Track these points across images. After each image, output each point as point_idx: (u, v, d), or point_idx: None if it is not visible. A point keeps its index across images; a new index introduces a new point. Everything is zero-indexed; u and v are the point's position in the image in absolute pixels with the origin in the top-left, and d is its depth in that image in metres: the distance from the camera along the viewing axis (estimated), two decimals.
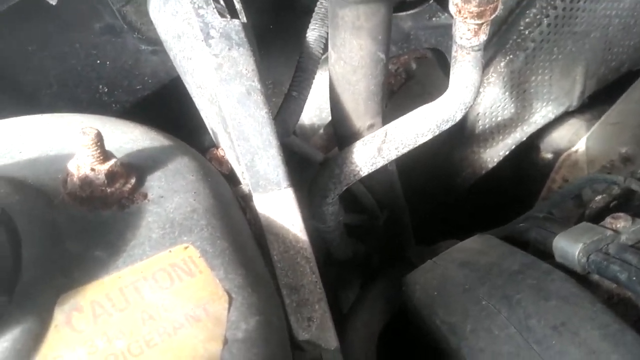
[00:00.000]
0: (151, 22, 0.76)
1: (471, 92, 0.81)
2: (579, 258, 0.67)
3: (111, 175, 0.53)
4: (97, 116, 0.67)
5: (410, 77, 1.23)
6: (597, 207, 0.96)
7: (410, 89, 1.23)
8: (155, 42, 0.82)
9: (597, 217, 0.92)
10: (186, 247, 0.49)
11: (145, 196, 0.54)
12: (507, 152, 1.32)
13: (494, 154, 1.32)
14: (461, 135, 1.26)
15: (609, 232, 0.69)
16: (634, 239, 0.69)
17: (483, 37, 0.74)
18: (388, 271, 0.93)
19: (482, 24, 0.72)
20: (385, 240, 1.03)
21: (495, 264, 0.70)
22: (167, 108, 0.90)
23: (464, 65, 0.79)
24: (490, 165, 1.33)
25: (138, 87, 0.89)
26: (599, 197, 0.95)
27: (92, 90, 0.86)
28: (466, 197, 1.34)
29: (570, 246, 0.68)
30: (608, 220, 0.71)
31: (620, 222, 0.70)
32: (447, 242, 0.93)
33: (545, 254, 0.74)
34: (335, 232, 0.90)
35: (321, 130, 1.11)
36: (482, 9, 0.69)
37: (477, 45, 0.75)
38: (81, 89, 0.85)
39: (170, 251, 0.48)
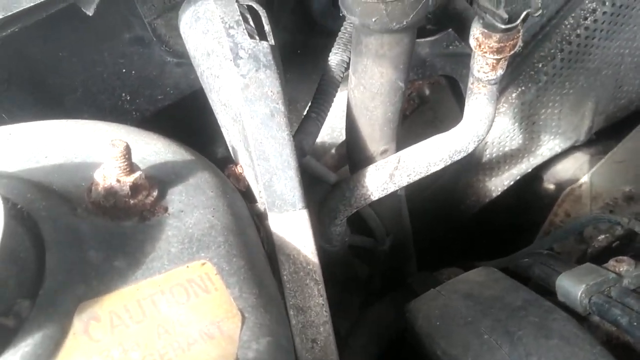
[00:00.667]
0: (179, 35, 0.78)
1: (485, 125, 0.82)
2: (581, 299, 0.68)
3: (135, 187, 0.54)
4: (122, 125, 0.69)
5: (423, 103, 1.25)
6: (599, 247, 0.97)
7: (423, 114, 1.25)
8: (181, 55, 0.84)
9: (599, 256, 0.94)
10: (203, 264, 0.50)
11: (166, 209, 0.55)
12: (511, 182, 1.34)
13: (499, 183, 1.34)
14: (468, 163, 1.28)
15: (612, 275, 0.70)
16: (636, 284, 0.70)
17: (500, 71, 0.76)
18: (388, 296, 0.94)
19: (501, 59, 0.74)
20: (388, 264, 1.04)
21: (499, 298, 0.71)
22: (185, 119, 0.92)
23: (479, 98, 0.80)
24: (495, 194, 1.34)
25: (160, 97, 0.90)
26: (601, 237, 0.97)
27: (115, 98, 0.87)
28: (469, 225, 1.35)
29: (573, 286, 0.69)
30: (611, 262, 0.73)
31: (624, 266, 0.71)
32: (448, 269, 0.95)
33: (547, 291, 0.75)
34: (339, 252, 0.92)
35: (333, 150, 1.13)
36: (502, 45, 0.71)
37: (493, 79, 0.77)
38: (105, 95, 0.86)
39: (187, 266, 0.50)
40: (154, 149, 0.63)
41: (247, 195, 0.69)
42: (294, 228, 0.63)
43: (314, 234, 0.64)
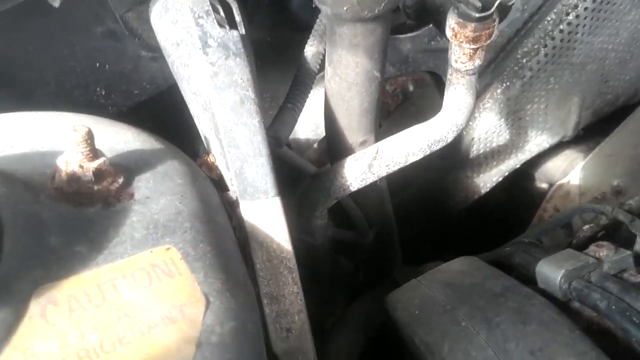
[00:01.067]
0: (152, 29, 0.77)
1: (464, 115, 0.82)
2: (560, 284, 0.67)
3: (99, 174, 0.54)
4: (91, 116, 0.68)
5: (406, 99, 1.24)
6: (584, 236, 0.97)
7: (406, 110, 1.24)
8: (155, 49, 0.83)
9: (584, 246, 0.93)
10: (168, 249, 0.49)
11: (131, 196, 0.54)
12: (500, 179, 1.33)
13: (487, 179, 1.33)
14: (455, 159, 1.27)
15: (592, 260, 0.69)
16: (617, 268, 0.69)
17: (478, 61, 0.76)
18: (373, 290, 0.93)
19: (478, 48, 0.74)
20: (373, 258, 1.03)
21: (478, 286, 0.70)
22: (164, 114, 0.91)
23: (457, 89, 0.80)
24: (483, 191, 1.33)
25: (136, 92, 0.89)
26: (586, 227, 0.96)
27: (89, 93, 0.86)
28: (458, 221, 1.34)
29: (553, 272, 0.68)
30: (592, 248, 0.72)
31: (604, 251, 0.70)
32: (433, 263, 0.93)
33: (529, 279, 0.74)
34: (322, 246, 0.90)
35: (315, 145, 1.12)
36: (477, 34, 0.71)
37: (471, 70, 0.77)
38: (78, 90, 0.85)
39: (151, 251, 0.48)
40: (122, 138, 0.63)
41: (220, 184, 0.68)
42: (266, 216, 0.62)
43: (287, 222, 0.63)
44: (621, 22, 1.23)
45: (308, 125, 1.16)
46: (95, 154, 0.53)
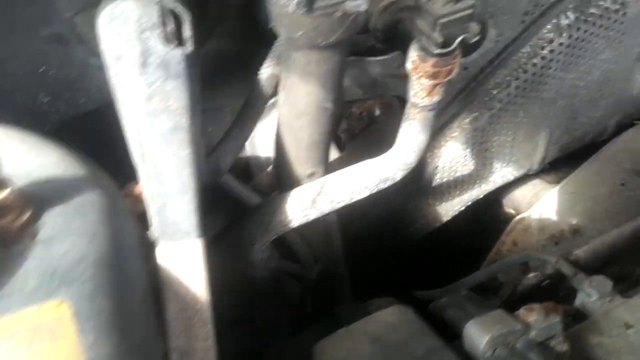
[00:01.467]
0: None
1: (415, 154, 0.80)
2: (484, 350, 0.66)
3: (2, 208, 0.50)
4: (17, 132, 0.64)
5: (372, 122, 1.22)
6: (529, 284, 0.96)
7: (371, 134, 1.21)
8: None
9: (528, 294, 0.92)
10: (59, 304, 0.46)
11: (34, 236, 0.51)
12: (462, 208, 1.32)
13: (450, 208, 1.32)
14: (418, 186, 1.25)
15: (519, 327, 0.68)
16: (544, 335, 0.68)
17: (436, 98, 0.74)
18: (312, 327, 0.91)
19: (437, 84, 0.72)
20: (319, 292, 1.01)
21: (402, 344, 0.69)
22: (108, 129, 0.87)
23: (412, 125, 0.78)
24: (445, 219, 1.32)
25: (82, 101, 0.85)
26: (531, 274, 0.95)
27: (31, 98, 0.81)
28: (419, 248, 1.33)
29: (479, 336, 0.67)
30: (522, 311, 0.71)
31: (533, 315, 0.69)
32: (380, 299, 0.91)
33: (459, 336, 0.73)
34: (267, 277, 0.88)
35: (269, 168, 1.08)
36: (437, 69, 0.69)
37: (429, 106, 0.75)
38: (20, 94, 0.81)
39: (40, 307, 0.45)
40: (43, 162, 0.58)
41: (146, 219, 0.65)
42: (184, 259, 0.59)
43: (208, 267, 0.60)
44: (595, 60, 1.23)
45: (270, 144, 1.12)
46: (1, 183, 0.49)
